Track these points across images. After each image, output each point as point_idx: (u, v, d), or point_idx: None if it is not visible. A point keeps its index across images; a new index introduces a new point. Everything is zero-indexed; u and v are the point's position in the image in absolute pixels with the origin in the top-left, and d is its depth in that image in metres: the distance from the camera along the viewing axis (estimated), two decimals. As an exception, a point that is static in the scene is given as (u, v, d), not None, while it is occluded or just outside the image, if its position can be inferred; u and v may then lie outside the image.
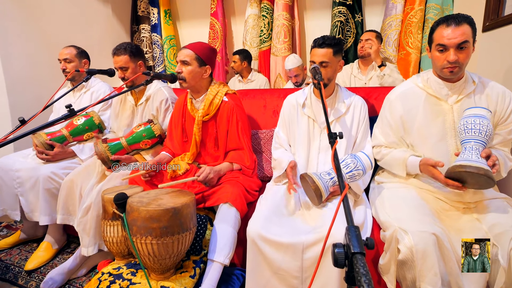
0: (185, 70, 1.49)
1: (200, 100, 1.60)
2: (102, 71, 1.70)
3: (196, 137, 1.58)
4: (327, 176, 1.19)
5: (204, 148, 1.64)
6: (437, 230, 1.00)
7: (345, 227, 1.00)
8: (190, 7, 3.56)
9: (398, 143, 1.35)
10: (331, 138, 0.84)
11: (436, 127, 1.24)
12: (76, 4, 2.74)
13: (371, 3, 2.86)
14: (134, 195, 1.22)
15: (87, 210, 1.53)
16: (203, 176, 1.38)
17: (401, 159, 1.28)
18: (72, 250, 1.86)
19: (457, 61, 1.14)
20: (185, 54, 1.50)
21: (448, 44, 1.14)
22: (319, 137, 1.43)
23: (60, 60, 2.00)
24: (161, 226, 1.08)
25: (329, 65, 1.34)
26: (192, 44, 1.53)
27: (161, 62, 3.52)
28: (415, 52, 2.54)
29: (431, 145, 1.25)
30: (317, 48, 1.35)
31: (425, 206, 1.14)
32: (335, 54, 1.35)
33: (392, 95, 1.38)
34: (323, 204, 1.24)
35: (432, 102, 1.26)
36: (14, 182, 1.74)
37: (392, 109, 1.35)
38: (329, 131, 0.86)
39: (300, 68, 2.49)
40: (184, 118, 1.65)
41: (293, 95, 1.56)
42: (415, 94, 1.30)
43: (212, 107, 1.56)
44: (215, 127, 1.59)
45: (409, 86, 1.34)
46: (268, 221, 1.15)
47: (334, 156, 0.70)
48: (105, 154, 1.61)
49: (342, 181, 0.65)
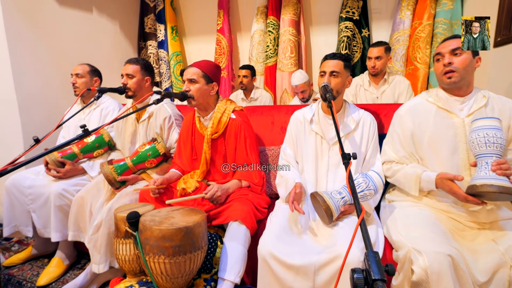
0: (193, 88, 1.51)
1: (208, 118, 1.61)
2: (113, 89, 1.75)
3: (206, 155, 1.59)
4: (338, 195, 1.19)
5: (213, 165, 1.65)
6: (452, 251, 0.98)
7: (358, 248, 1.01)
8: (197, 24, 3.65)
9: (409, 158, 1.35)
10: (344, 159, 0.84)
11: (447, 141, 1.24)
12: (85, 22, 2.82)
13: (378, 18, 2.90)
14: (146, 214, 1.24)
15: (97, 227, 1.54)
16: (211, 193, 1.39)
17: (414, 175, 1.26)
18: (82, 266, 1.87)
19: (453, 65, 1.18)
20: (192, 72, 1.52)
21: (442, 52, 1.21)
22: (327, 154, 1.43)
23: (72, 74, 2.07)
24: (174, 245, 1.09)
25: (340, 76, 1.36)
26: (197, 63, 1.56)
27: (167, 78, 3.58)
28: (423, 67, 2.54)
29: (442, 159, 1.24)
30: (329, 59, 1.38)
31: (439, 226, 1.13)
32: (345, 68, 1.38)
33: (402, 110, 1.39)
34: (333, 223, 1.24)
35: (442, 115, 1.27)
36: (26, 198, 1.77)
37: (402, 124, 1.35)
38: (342, 152, 0.86)
39: (307, 84, 2.51)
40: (194, 137, 1.66)
41: (300, 111, 1.57)
42: (425, 108, 1.31)
43: (221, 125, 1.57)
44: (224, 144, 1.60)
45: (419, 101, 1.36)
46: (279, 239, 1.15)
47: (349, 178, 0.71)
48: (111, 175, 1.63)
49: (359, 204, 0.65)
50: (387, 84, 2.25)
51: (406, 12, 2.57)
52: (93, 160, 1.96)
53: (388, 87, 2.23)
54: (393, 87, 2.23)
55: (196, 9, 3.61)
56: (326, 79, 1.36)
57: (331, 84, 1.35)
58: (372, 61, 2.20)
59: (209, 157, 1.60)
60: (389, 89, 2.23)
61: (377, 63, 2.18)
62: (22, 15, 2.26)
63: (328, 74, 1.36)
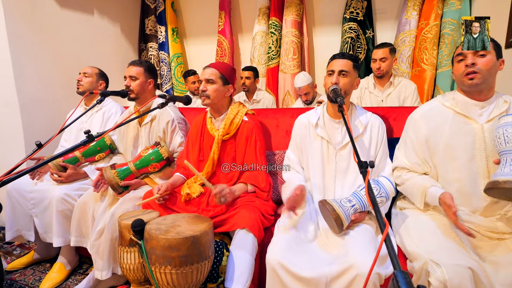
0: (210, 88, 1.52)
1: (220, 119, 1.61)
2: (115, 92, 1.73)
3: (214, 156, 1.57)
4: (348, 203, 1.16)
5: (219, 167, 1.63)
6: (473, 264, 0.95)
7: (372, 258, 0.98)
8: (198, 25, 3.62)
9: (421, 165, 1.30)
10: (361, 167, 0.79)
11: (464, 148, 1.18)
12: (86, 24, 2.80)
13: (382, 18, 2.85)
14: (151, 221, 1.21)
15: (100, 233, 1.51)
16: (220, 188, 1.35)
17: (421, 187, 1.21)
18: (84, 271, 1.85)
19: (476, 66, 1.12)
20: (210, 72, 1.53)
21: (465, 52, 1.16)
22: (334, 160, 1.39)
23: (81, 73, 2.07)
24: (180, 255, 1.06)
25: (348, 76, 1.32)
26: (215, 63, 1.58)
27: (168, 80, 3.55)
28: (430, 68, 2.49)
29: (458, 166, 1.19)
30: (338, 58, 1.34)
31: (456, 236, 1.09)
32: (354, 68, 1.34)
33: (416, 114, 1.33)
34: (344, 231, 1.21)
35: (460, 121, 1.21)
36: (28, 203, 1.76)
37: (416, 129, 1.30)
38: (358, 160, 0.81)
39: (310, 86, 2.48)
40: (203, 137, 1.65)
41: (304, 115, 1.53)
42: (441, 113, 1.25)
43: (233, 127, 1.57)
44: (234, 146, 1.59)
45: (434, 104, 1.30)
46: (288, 248, 1.12)
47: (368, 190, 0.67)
48: (114, 180, 1.60)
49: (381, 218, 0.61)
50: (392, 87, 2.20)
51: (412, 13, 2.52)
52: (95, 164, 1.94)
53: (394, 90, 2.19)
54: (399, 90, 2.18)
55: (197, 10, 3.58)
56: (334, 78, 1.32)
57: (339, 83, 1.31)
58: (377, 63, 2.15)
59: (216, 158, 1.58)
60: (395, 92, 2.18)
61: (382, 65, 2.14)
62: (24, 17, 2.25)
63: (337, 73, 1.32)
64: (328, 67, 1.38)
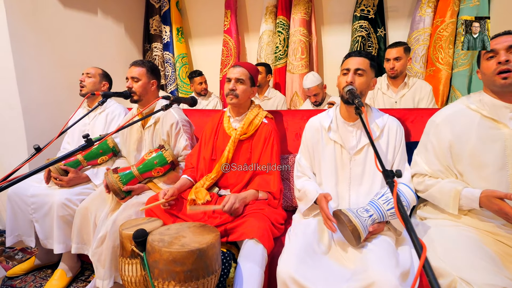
0: (240, 88, 1.51)
1: (239, 119, 1.59)
2: (117, 93, 1.67)
3: (229, 155, 1.53)
4: (365, 213, 1.06)
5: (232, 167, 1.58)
6: (507, 284, 0.86)
7: (394, 275, 0.89)
8: (203, 25, 3.56)
9: (444, 172, 1.20)
10: (388, 177, 0.69)
11: (494, 155, 1.09)
12: (90, 25, 2.76)
13: (394, 16, 2.75)
14: (154, 231, 1.14)
15: (102, 240, 1.46)
16: (229, 206, 1.30)
17: (452, 191, 1.11)
18: (86, 278, 1.81)
19: (510, 63, 1.02)
20: (241, 72, 1.52)
21: (497, 48, 1.05)
22: (349, 166, 1.30)
23: (83, 73, 2.04)
24: (185, 270, 0.98)
25: (365, 75, 1.23)
26: (244, 63, 1.57)
27: (173, 80, 3.50)
28: (445, 68, 2.38)
29: (486, 175, 1.10)
30: (354, 56, 1.26)
31: (486, 251, 0.99)
32: (371, 67, 1.26)
33: (438, 117, 1.23)
34: (361, 244, 1.12)
35: (488, 125, 1.12)
36: (29, 208, 1.71)
37: (438, 134, 1.20)
38: (383, 169, 0.71)
39: (320, 86, 2.39)
40: (217, 136, 1.61)
41: (316, 117, 1.44)
42: (466, 117, 1.16)
43: (251, 127, 1.54)
44: (250, 147, 1.55)
45: (459, 107, 1.20)
46: (300, 261, 1.04)
47: (398, 204, 0.57)
48: (116, 185, 1.54)
49: (416, 237, 0.50)
50: (407, 88, 2.10)
51: (427, 10, 2.41)
52: (97, 167, 1.89)
53: (408, 91, 2.09)
54: (414, 91, 2.08)
55: (203, 10, 3.52)
56: (349, 77, 1.23)
57: (354, 83, 1.22)
58: (391, 63, 2.06)
59: (231, 157, 1.53)
60: (409, 94, 2.08)
61: (396, 65, 2.04)
62: (26, 18, 2.21)
63: (353, 71, 1.23)
64: (342, 66, 1.30)
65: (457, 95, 2.36)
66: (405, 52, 2.04)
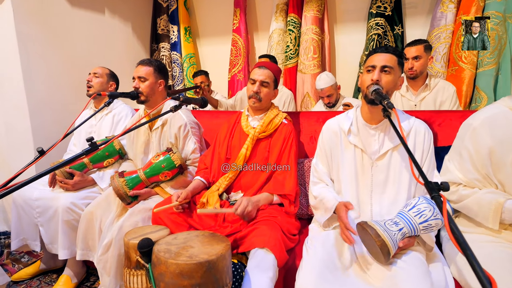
0: (264, 91, 1.49)
1: (258, 118, 1.56)
2: (124, 94, 1.62)
3: (247, 153, 1.48)
4: (394, 226, 0.96)
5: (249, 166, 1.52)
6: None
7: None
8: (211, 24, 3.50)
9: (482, 181, 1.09)
10: (433, 191, 0.59)
11: None
12: (97, 24, 2.73)
13: (413, 13, 2.61)
14: (160, 241, 1.06)
15: (107, 247, 1.41)
16: (241, 209, 1.23)
17: (493, 203, 1.00)
18: (92, 284, 1.77)
19: None
20: (267, 75, 1.49)
21: None
22: (370, 172, 1.20)
23: (91, 73, 2.00)
24: (193, 284, 0.91)
25: (392, 72, 1.13)
26: (269, 65, 1.53)
27: (180, 81, 3.45)
28: (469, 67, 2.23)
29: None
30: (380, 52, 1.15)
31: None
32: (399, 64, 1.15)
33: (476, 121, 1.11)
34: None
35: None
36: (34, 211, 1.68)
37: (476, 139, 1.09)
38: (426, 181, 0.61)
39: (334, 87, 2.28)
40: (232, 136, 1.57)
41: (334, 119, 1.34)
42: (508, 120, 1.05)
43: (271, 126, 1.51)
44: (269, 146, 1.50)
45: (500, 109, 1.08)
46: (321, 278, 0.95)
47: (449, 224, 0.47)
48: (122, 189, 1.48)
49: (482, 272, 0.42)
50: (428, 90, 1.94)
51: (449, 5, 2.27)
52: (103, 170, 1.85)
53: (429, 94, 1.94)
54: (435, 93, 1.93)
55: (211, 9, 3.46)
56: (376, 75, 1.12)
57: (381, 81, 1.11)
58: (410, 62, 1.90)
59: (248, 155, 1.48)
60: (430, 96, 1.93)
61: (416, 64, 1.89)
62: (33, 17, 2.19)
63: (379, 69, 1.13)
64: (367, 63, 1.19)
65: (482, 96, 2.22)
66: (426, 50, 1.89)
